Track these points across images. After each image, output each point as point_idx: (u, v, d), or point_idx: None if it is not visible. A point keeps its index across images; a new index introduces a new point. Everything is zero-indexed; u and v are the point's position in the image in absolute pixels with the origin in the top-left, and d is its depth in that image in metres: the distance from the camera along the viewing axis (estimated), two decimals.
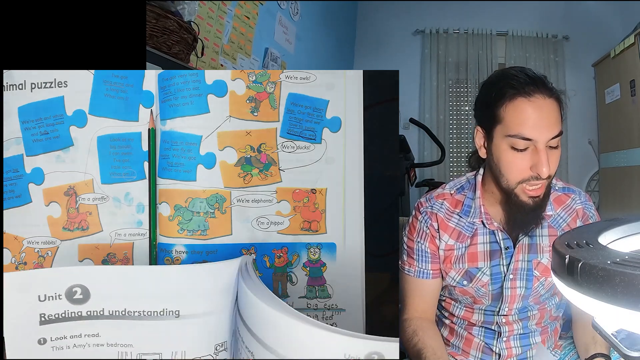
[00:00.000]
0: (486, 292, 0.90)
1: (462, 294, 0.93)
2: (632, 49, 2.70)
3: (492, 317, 0.92)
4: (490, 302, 0.91)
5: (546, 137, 0.75)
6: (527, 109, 0.75)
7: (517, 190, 0.81)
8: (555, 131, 0.76)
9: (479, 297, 0.92)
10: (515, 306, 0.90)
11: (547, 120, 0.75)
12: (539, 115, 0.75)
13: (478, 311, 0.94)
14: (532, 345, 0.92)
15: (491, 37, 3.68)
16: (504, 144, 0.78)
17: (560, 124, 0.78)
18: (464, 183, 0.96)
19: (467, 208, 0.92)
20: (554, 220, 0.89)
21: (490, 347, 0.92)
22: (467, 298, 0.93)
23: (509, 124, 0.77)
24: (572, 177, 3.43)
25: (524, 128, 0.75)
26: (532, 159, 0.76)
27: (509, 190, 0.82)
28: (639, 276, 0.31)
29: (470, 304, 0.94)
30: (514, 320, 0.91)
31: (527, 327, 0.92)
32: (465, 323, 0.96)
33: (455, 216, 0.92)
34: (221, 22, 1.92)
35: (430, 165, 3.11)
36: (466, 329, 0.96)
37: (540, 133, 0.75)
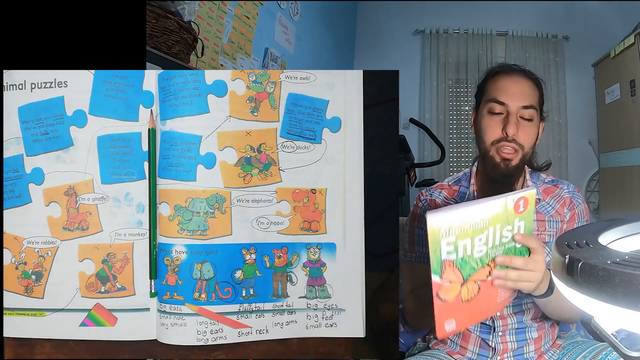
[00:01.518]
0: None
1: None
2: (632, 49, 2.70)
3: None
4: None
5: (517, 103, 0.87)
6: (505, 80, 0.91)
7: (491, 152, 0.90)
8: (527, 102, 0.88)
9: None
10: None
11: (520, 90, 0.89)
12: (514, 85, 0.89)
13: None
14: (528, 340, 0.92)
15: (491, 37, 3.68)
16: (484, 110, 0.91)
17: (535, 101, 0.89)
18: (461, 176, 1.04)
19: (461, 195, 0.99)
20: (542, 206, 0.93)
21: (487, 341, 0.93)
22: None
23: (489, 92, 0.91)
24: (572, 177, 3.43)
25: (499, 93, 0.89)
26: (504, 122, 0.87)
27: (485, 151, 0.91)
28: (639, 276, 0.31)
29: None
30: (508, 314, 0.92)
31: (522, 322, 0.92)
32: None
33: (451, 203, 0.97)
34: (221, 22, 1.92)
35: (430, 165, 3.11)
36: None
37: (512, 99, 0.87)
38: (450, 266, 0.59)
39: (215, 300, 0.68)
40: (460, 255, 0.59)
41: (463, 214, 0.57)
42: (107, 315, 0.68)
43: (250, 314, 0.69)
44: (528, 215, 0.64)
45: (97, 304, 0.68)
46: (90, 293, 0.68)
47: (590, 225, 0.48)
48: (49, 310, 0.68)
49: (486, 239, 0.60)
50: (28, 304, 0.68)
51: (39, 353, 0.68)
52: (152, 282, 0.69)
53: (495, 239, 0.62)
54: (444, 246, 0.57)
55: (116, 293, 0.69)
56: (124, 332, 0.68)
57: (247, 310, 0.69)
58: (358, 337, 0.71)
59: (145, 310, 0.69)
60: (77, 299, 0.68)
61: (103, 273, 0.68)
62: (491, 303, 0.68)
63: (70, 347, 0.68)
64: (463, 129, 3.75)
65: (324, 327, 0.71)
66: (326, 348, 0.72)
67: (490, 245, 0.61)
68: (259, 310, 0.69)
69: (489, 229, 0.60)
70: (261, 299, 0.69)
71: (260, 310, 0.69)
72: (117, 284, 0.69)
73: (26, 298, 0.68)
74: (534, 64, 3.54)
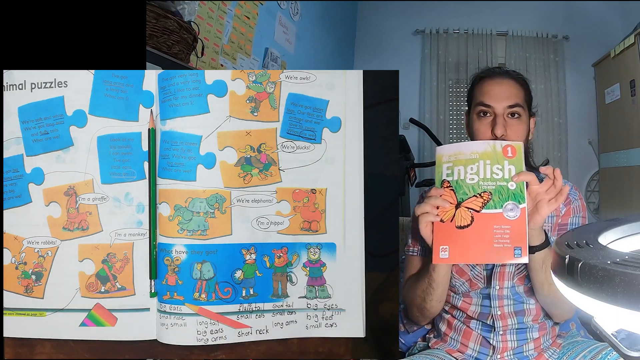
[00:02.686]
0: (480, 270, 0.93)
1: (459, 275, 0.94)
2: (632, 49, 2.70)
3: (488, 310, 0.93)
4: (484, 284, 0.93)
5: (502, 104, 0.92)
6: (489, 83, 0.96)
7: None
8: (512, 101, 0.92)
9: (474, 277, 0.93)
10: (506, 285, 0.92)
11: (504, 92, 0.93)
12: (497, 88, 0.94)
13: (475, 300, 0.95)
14: (528, 340, 0.92)
15: (491, 37, 3.68)
16: (474, 114, 0.96)
17: (521, 99, 0.94)
18: None
19: None
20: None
21: (488, 339, 0.93)
22: (463, 282, 0.94)
23: (476, 97, 0.96)
24: (572, 177, 3.43)
25: (485, 97, 0.94)
26: (492, 124, 0.91)
27: None
28: (639, 276, 0.31)
29: (467, 291, 0.95)
30: (509, 314, 0.92)
31: (522, 323, 0.92)
32: (463, 316, 0.97)
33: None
34: (221, 22, 1.92)
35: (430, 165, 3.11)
36: (464, 322, 0.97)
37: (497, 101, 0.92)
38: (447, 186, 0.77)
39: (215, 300, 0.68)
40: (455, 177, 0.77)
41: (459, 147, 0.79)
42: (107, 315, 0.68)
43: (250, 314, 0.69)
44: (518, 161, 0.76)
45: (97, 304, 0.68)
46: (90, 293, 0.68)
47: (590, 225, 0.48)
48: (49, 310, 0.68)
49: (477, 169, 0.76)
50: (28, 304, 0.68)
51: (39, 353, 0.68)
52: (152, 282, 0.69)
53: (486, 172, 0.76)
54: (444, 169, 0.78)
55: (116, 293, 0.69)
56: (124, 332, 0.68)
57: (247, 310, 0.69)
58: (358, 337, 0.71)
59: (145, 310, 0.69)
60: (77, 299, 0.68)
61: (103, 273, 0.68)
62: (486, 245, 0.73)
63: (70, 347, 0.68)
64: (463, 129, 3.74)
65: (324, 327, 0.71)
66: (326, 348, 0.72)
67: (482, 176, 0.76)
68: (259, 310, 0.69)
69: (479, 162, 0.76)
70: (261, 299, 0.69)
71: (260, 310, 0.69)
72: (117, 284, 0.69)
73: (26, 298, 0.68)
74: (534, 64, 3.54)
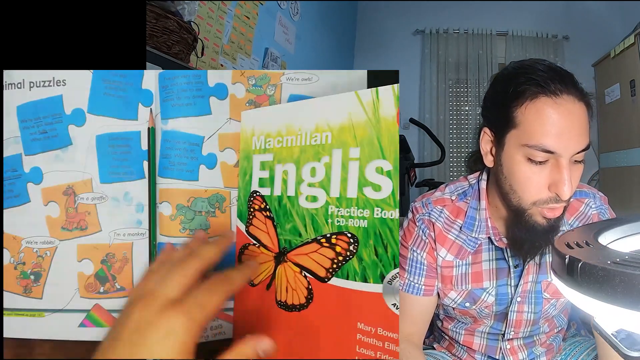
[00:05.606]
0: (489, 313, 0.81)
1: (461, 314, 0.84)
2: (632, 49, 2.70)
3: (496, 343, 0.84)
4: (492, 323, 0.83)
5: (573, 150, 0.61)
6: (553, 113, 0.60)
7: (531, 211, 0.67)
8: (584, 144, 0.63)
9: (480, 318, 0.82)
10: (522, 330, 0.82)
11: (576, 129, 0.61)
12: (567, 122, 0.60)
13: (480, 335, 0.85)
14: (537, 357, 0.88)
15: (491, 37, 3.68)
16: (518, 154, 0.65)
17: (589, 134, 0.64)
18: (467, 188, 0.82)
19: (470, 221, 0.78)
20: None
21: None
22: (466, 318, 0.84)
23: (527, 131, 0.63)
24: None
25: (547, 137, 0.61)
26: (552, 176, 0.63)
27: (519, 210, 0.68)
28: (639, 276, 0.31)
29: (469, 324, 0.86)
30: (519, 347, 0.84)
31: (532, 352, 0.86)
32: (466, 353, 0.88)
33: (455, 227, 0.80)
34: (221, 22, 1.92)
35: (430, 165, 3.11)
36: (467, 351, 0.89)
37: (567, 145, 0.61)
38: (262, 209, 0.56)
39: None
40: (277, 190, 0.56)
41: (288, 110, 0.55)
42: (106, 316, 0.68)
43: None
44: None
45: (96, 304, 0.68)
46: (89, 293, 0.68)
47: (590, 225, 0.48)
48: (48, 310, 0.68)
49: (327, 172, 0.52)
50: (27, 305, 0.68)
51: (38, 354, 0.68)
52: None
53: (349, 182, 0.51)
54: (255, 164, 0.60)
55: (115, 294, 0.68)
56: None
57: None
58: None
59: None
60: (76, 300, 0.68)
61: (102, 273, 0.68)
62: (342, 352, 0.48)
63: (70, 347, 0.68)
64: (463, 129, 3.75)
65: None
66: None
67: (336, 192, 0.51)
68: None
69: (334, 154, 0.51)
70: None
71: None
72: (116, 285, 0.68)
73: (25, 298, 0.68)
74: None
